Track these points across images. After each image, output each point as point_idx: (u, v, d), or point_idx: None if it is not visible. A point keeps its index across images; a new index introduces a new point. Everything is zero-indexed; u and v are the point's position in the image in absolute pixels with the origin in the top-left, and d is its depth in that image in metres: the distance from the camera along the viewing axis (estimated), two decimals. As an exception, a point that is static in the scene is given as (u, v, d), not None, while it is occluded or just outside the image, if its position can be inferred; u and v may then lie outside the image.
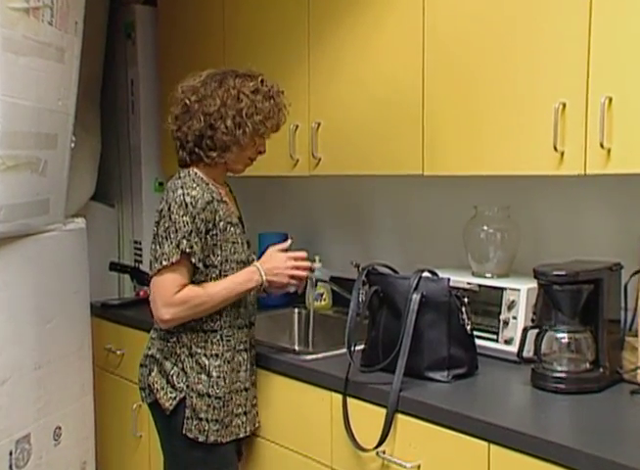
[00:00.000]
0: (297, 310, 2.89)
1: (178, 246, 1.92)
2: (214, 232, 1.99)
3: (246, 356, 2.13)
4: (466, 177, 2.25)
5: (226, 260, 2.03)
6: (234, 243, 2.05)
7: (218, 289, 2.00)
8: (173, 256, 1.92)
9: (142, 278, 3.18)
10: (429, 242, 2.70)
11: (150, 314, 2.01)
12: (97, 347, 2.95)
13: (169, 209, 1.94)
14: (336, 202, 3.07)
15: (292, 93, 2.31)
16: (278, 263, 2.06)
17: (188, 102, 2.02)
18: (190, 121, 2.02)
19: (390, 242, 2.84)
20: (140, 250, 3.37)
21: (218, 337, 2.06)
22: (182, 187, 1.96)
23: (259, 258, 2.12)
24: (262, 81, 2.06)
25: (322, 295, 2.91)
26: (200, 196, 1.95)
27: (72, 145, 2.62)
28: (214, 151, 2.03)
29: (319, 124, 2.52)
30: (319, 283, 2.81)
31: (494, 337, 2.13)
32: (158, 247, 1.96)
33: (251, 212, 2.88)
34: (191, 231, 1.93)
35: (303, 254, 2.11)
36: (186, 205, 1.93)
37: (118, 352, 2.97)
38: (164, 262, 1.92)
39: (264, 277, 2.04)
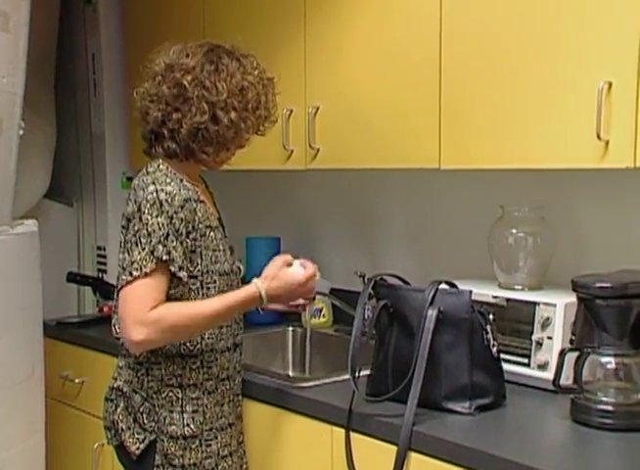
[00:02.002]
0: (291, 329, 2.89)
1: (152, 252, 1.90)
2: (194, 236, 1.98)
3: (230, 385, 2.13)
4: (491, 172, 2.26)
5: (207, 271, 2.02)
6: (215, 250, 2.04)
7: (205, 309, 1.96)
8: (147, 264, 1.90)
9: (107, 291, 3.18)
10: (446, 248, 2.71)
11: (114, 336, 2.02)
12: (51, 374, 2.95)
13: (139, 209, 1.93)
14: (337, 201, 3.08)
15: (284, 70, 2.32)
16: (285, 284, 2.04)
17: (185, 83, 2.00)
18: (186, 109, 2.00)
19: (401, 248, 2.85)
20: (104, 257, 3.37)
21: (198, 363, 2.05)
22: (154, 183, 1.95)
23: (258, 274, 2.06)
24: (258, 67, 2.07)
25: (321, 310, 2.91)
26: (176, 192, 1.95)
27: (21, 132, 2.62)
28: (210, 146, 2.04)
29: (317, 109, 2.52)
30: (317, 296, 2.80)
31: (525, 361, 2.13)
32: (126, 254, 1.94)
33: (235, 213, 2.88)
34: (167, 234, 1.91)
35: (315, 270, 2.11)
36: (160, 203, 1.92)
37: (77, 381, 2.97)
38: (135, 273, 1.90)
39: (265, 300, 2.02)
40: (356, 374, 1.95)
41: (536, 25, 1.98)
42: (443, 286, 2.00)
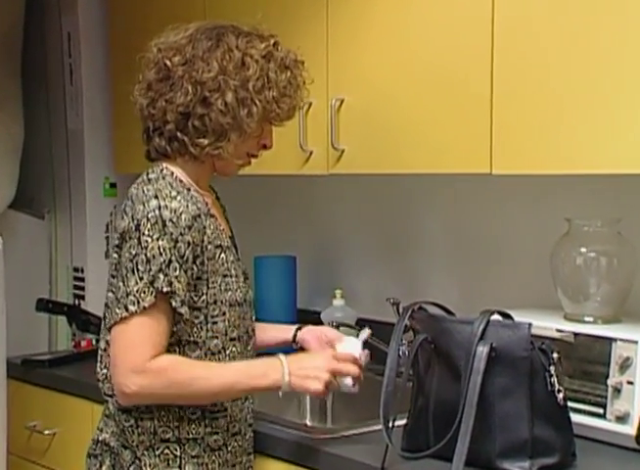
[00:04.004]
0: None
1: (152, 283, 1.91)
2: (201, 259, 1.99)
3: (240, 442, 2.12)
4: (554, 178, 2.26)
5: (214, 302, 2.02)
6: (225, 276, 2.05)
7: (213, 373, 1.98)
8: (145, 297, 1.91)
9: (85, 322, 3.20)
10: (499, 271, 2.71)
11: (96, 377, 2.02)
12: (15, 424, 2.96)
13: (137, 228, 1.94)
14: (364, 213, 3.09)
15: (304, 57, 2.32)
16: (313, 362, 2.04)
17: (169, 64, 2.03)
18: (171, 93, 2.02)
19: (443, 271, 2.85)
20: (82, 281, 3.39)
21: (199, 413, 2.04)
22: (157, 196, 1.96)
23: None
24: (276, 44, 2.08)
25: (345, 347, 2.91)
26: (183, 209, 1.96)
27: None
28: (205, 137, 2.04)
29: (341, 102, 2.54)
30: (341, 329, 2.80)
31: (600, 411, 2.12)
32: (121, 283, 1.94)
33: (242, 227, 2.87)
34: (170, 261, 1.92)
35: (356, 352, 2.11)
36: (163, 223, 1.93)
37: (47, 433, 2.97)
38: (132, 307, 1.90)
39: (286, 379, 1.99)
40: (390, 424, 1.95)
41: (604, 10, 1.99)
42: (496, 317, 1.99)
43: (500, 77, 2.18)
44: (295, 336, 2.31)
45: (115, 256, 2.00)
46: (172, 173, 2.04)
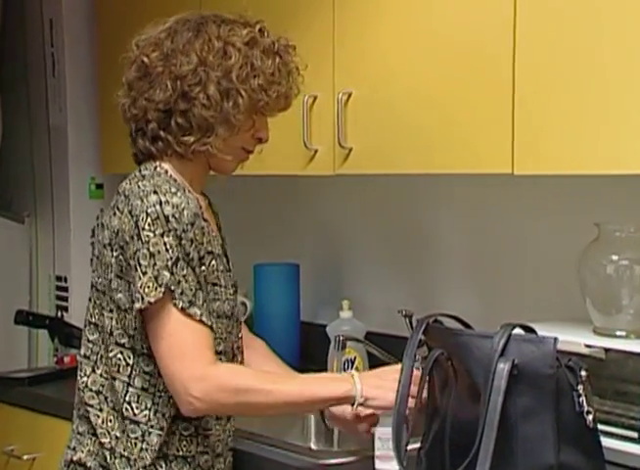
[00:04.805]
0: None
1: (156, 278, 1.93)
2: (204, 261, 2.02)
3: (223, 465, 2.15)
4: (582, 179, 2.25)
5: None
6: (215, 285, 2.07)
7: (285, 380, 2.08)
8: (150, 292, 1.92)
9: (68, 336, 3.19)
10: (521, 280, 2.71)
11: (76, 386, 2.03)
12: (-9, 448, 2.98)
13: (136, 225, 1.95)
14: (374, 217, 3.10)
15: (303, 42, 2.31)
16: (384, 376, 2.07)
17: (146, 60, 2.05)
18: (151, 90, 2.05)
19: (460, 280, 2.86)
20: (65, 291, 3.39)
21: (192, 429, 2.06)
22: (155, 191, 1.97)
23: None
24: (262, 30, 2.10)
25: (353, 361, 2.90)
26: (185, 205, 1.97)
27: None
28: (190, 134, 2.05)
29: (349, 95, 2.54)
30: (349, 343, 2.80)
31: (634, 435, 2.11)
32: (129, 280, 1.97)
33: (241, 233, 2.88)
34: (177, 259, 1.94)
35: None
36: (166, 219, 1.94)
37: (26, 458, 2.98)
38: (138, 305, 1.93)
39: (359, 387, 2.02)
40: (402, 449, 1.94)
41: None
42: (518, 331, 1.98)
43: (523, 68, 2.19)
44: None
45: (110, 257, 2.00)
46: (167, 171, 2.06)
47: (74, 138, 3.38)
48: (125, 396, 2.02)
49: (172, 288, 1.93)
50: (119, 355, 2.02)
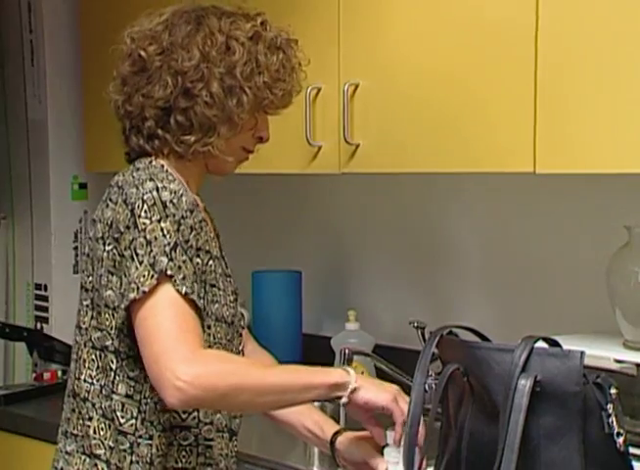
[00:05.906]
0: (316, 405, 2.88)
1: (153, 265, 1.93)
2: (202, 256, 2.03)
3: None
4: (610, 179, 2.26)
5: (203, 311, 2.03)
6: (213, 286, 2.07)
7: (278, 366, 2.08)
8: (145, 281, 1.92)
9: (48, 349, 3.20)
10: (544, 289, 2.71)
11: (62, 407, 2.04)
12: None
13: (132, 213, 1.96)
14: (383, 220, 3.10)
15: (310, 34, 2.36)
16: (383, 382, 2.11)
17: (143, 54, 2.06)
18: (149, 86, 2.05)
19: (477, 289, 2.87)
20: (45, 300, 3.39)
21: (192, 439, 2.06)
22: (152, 179, 2.00)
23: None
24: (264, 24, 2.11)
25: (359, 378, 2.91)
26: (183, 191, 2.00)
27: None
28: (191, 133, 2.07)
29: (356, 87, 2.55)
30: (356, 357, 2.80)
31: (667, 457, 2.12)
32: (122, 275, 1.96)
33: (239, 237, 2.89)
34: (175, 244, 1.94)
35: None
36: (163, 204, 1.95)
37: (4, 482, 2.99)
38: (132, 294, 1.91)
39: (353, 379, 2.02)
40: (414, 473, 1.95)
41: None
42: (541, 344, 1.98)
43: (545, 56, 2.20)
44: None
45: (102, 253, 2.00)
46: (162, 166, 2.07)
47: (55, 133, 3.38)
48: (110, 404, 2.02)
49: (172, 273, 1.92)
50: (104, 359, 2.02)
